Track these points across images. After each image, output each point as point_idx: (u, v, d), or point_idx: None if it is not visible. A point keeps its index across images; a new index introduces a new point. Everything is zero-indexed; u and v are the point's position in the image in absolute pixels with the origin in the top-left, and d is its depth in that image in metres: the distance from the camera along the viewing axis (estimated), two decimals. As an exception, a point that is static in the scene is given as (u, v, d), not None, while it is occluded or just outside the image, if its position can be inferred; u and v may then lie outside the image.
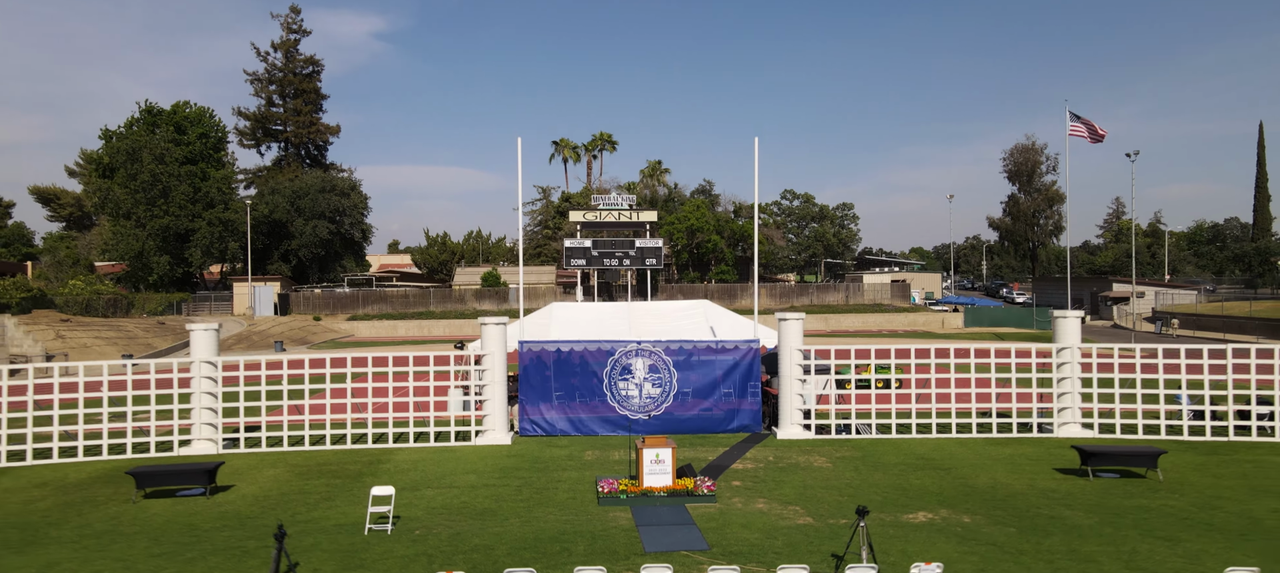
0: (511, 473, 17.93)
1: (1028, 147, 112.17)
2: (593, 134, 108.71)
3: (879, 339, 55.00)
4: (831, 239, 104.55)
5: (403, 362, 22.48)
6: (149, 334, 49.14)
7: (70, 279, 59.72)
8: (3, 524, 14.68)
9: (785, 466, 18.40)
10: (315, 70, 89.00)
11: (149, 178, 64.19)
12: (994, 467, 18.19)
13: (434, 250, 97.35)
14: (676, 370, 22.94)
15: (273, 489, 16.96)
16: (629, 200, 65.09)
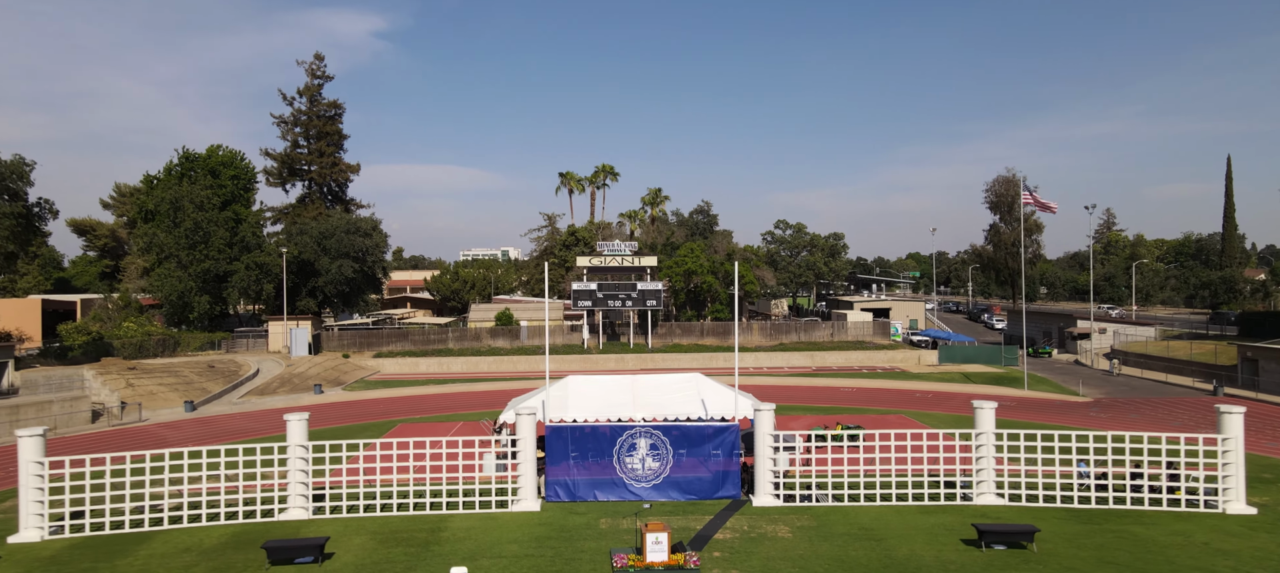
0: (545, 542, 23.24)
1: (1008, 179, 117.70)
2: (596, 166, 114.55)
3: (854, 379, 60.43)
4: (822, 267, 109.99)
5: (448, 429, 27.77)
6: (202, 378, 54.53)
7: (123, 321, 65.14)
8: (181, 590, 20.01)
9: (755, 535, 23.72)
10: (337, 113, 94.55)
11: (191, 225, 69.58)
12: (915, 537, 23.48)
13: (447, 279, 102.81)
14: (673, 446, 28.30)
15: (364, 558, 22.26)
16: (631, 247, 70.50)
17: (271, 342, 69.88)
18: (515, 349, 70.13)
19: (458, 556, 21.72)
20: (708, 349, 69.25)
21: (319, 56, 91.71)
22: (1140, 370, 61.28)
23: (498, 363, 66.43)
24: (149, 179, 78.27)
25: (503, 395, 52.89)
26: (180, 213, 69.69)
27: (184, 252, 69.81)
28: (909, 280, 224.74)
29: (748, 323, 77.73)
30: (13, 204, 51.08)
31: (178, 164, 79.92)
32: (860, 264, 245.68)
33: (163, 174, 79.96)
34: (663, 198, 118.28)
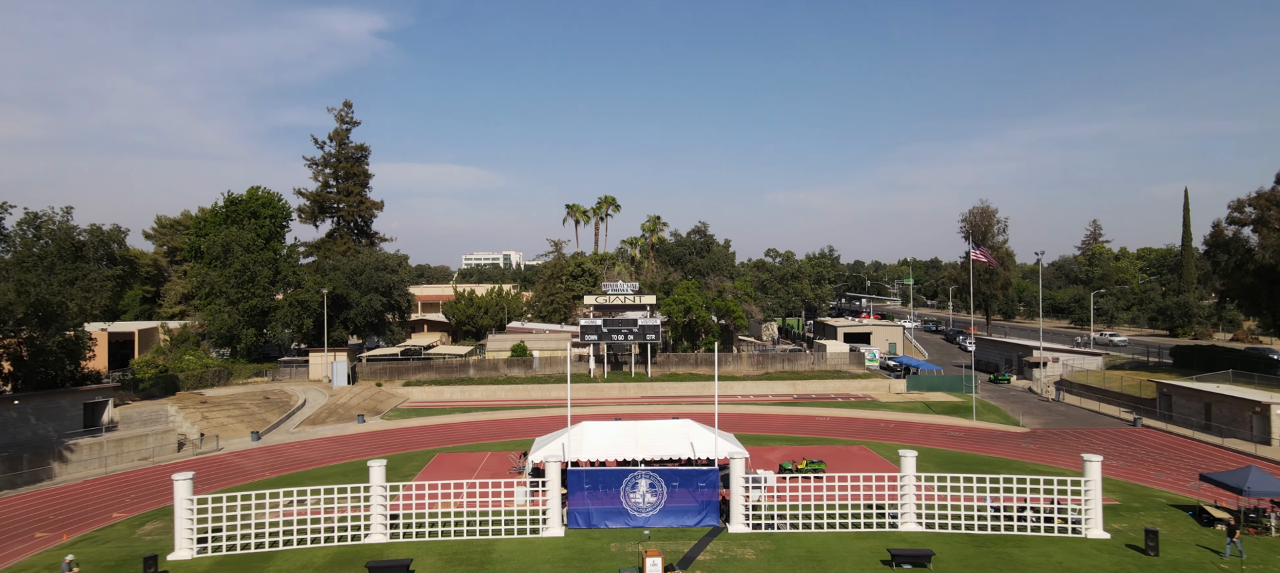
0: (570, 563, 30.86)
1: (983, 210, 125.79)
2: (599, 198, 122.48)
3: (830, 408, 68.07)
4: (809, 294, 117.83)
5: (480, 458, 35.46)
6: (262, 409, 62.23)
7: (184, 354, 72.86)
8: (313, 598, 27.62)
9: (728, 557, 31.37)
10: (363, 155, 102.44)
11: (240, 267, 77.34)
12: (847, 558, 31.12)
13: (461, 305, 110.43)
14: (667, 483, 35.99)
15: (445, 566, 29.90)
16: (633, 287, 78.35)
17: (312, 371, 77.54)
18: (530, 378, 77.76)
19: (509, 566, 29.35)
20: (701, 378, 76.82)
21: (347, 104, 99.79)
22: (1080, 400, 68.91)
23: (514, 391, 74.04)
24: (197, 218, 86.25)
25: (522, 423, 60.68)
26: (230, 255, 77.46)
27: (233, 290, 77.54)
28: (901, 287, 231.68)
29: (738, 351, 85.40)
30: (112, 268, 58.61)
31: (222, 206, 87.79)
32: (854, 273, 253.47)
33: (209, 214, 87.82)
34: (661, 225, 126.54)
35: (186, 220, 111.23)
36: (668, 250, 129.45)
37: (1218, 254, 66.49)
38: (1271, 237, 60.42)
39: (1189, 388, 56.64)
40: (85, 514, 38.59)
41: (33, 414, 48.10)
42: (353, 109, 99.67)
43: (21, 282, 48.71)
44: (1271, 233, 60.57)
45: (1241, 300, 66.80)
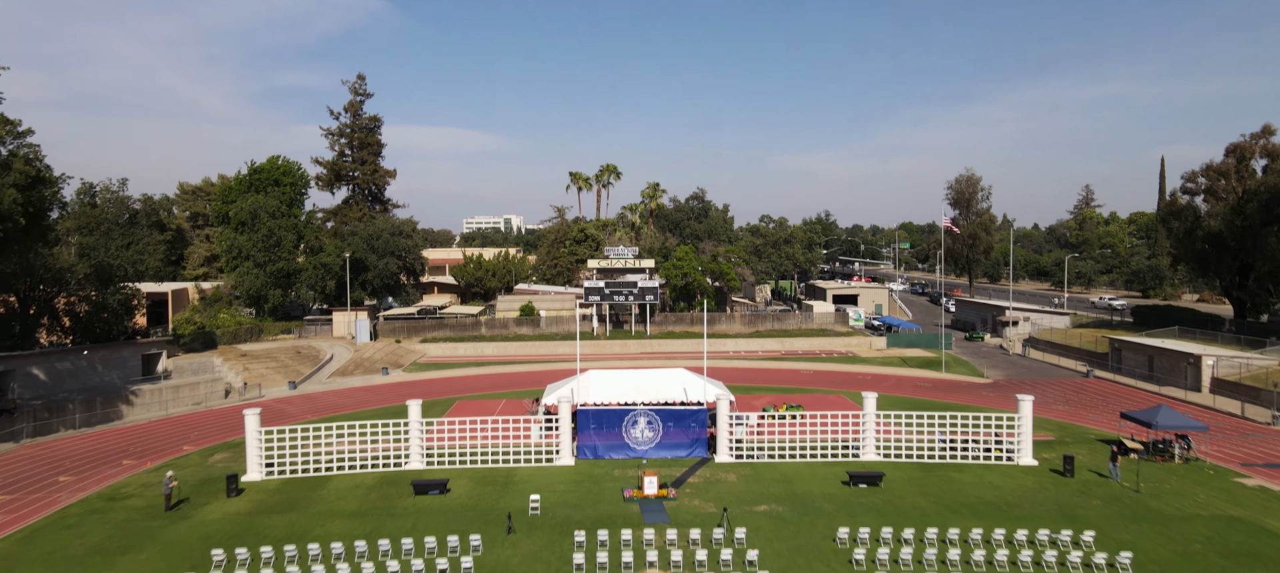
0: (581, 483, 36.58)
1: (968, 177, 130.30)
2: (600, 166, 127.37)
3: (814, 363, 73.71)
4: (800, 258, 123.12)
5: (495, 406, 41.10)
6: (295, 363, 67.86)
7: (218, 313, 78.34)
8: (371, 507, 33.32)
9: (713, 480, 37.08)
10: (376, 126, 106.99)
11: (266, 232, 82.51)
12: (813, 480, 36.81)
13: (470, 268, 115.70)
14: (662, 421, 41.63)
15: (472, 491, 35.58)
16: (633, 252, 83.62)
17: (335, 328, 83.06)
18: (537, 336, 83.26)
19: (530, 489, 35.06)
20: (696, 336, 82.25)
21: (361, 77, 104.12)
22: (1044, 355, 74.55)
23: (523, 347, 79.59)
24: (221, 186, 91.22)
25: (531, 376, 66.29)
26: (257, 220, 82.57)
27: (260, 253, 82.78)
28: (896, 251, 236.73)
29: (731, 312, 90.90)
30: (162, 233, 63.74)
31: (246, 174, 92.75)
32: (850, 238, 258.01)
33: (233, 181, 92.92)
34: (660, 192, 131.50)
35: (208, 187, 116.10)
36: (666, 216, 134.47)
37: (1171, 221, 71.66)
38: (1219, 205, 65.57)
39: (1136, 343, 62.23)
40: (159, 447, 44.30)
41: (99, 364, 53.69)
42: (366, 81, 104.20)
43: (83, 245, 54.02)
44: (1218, 202, 65.71)
45: (1192, 264, 72.14)
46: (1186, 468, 38.02)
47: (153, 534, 30.40)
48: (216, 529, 30.71)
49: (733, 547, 27.61)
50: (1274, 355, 54.91)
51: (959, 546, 27.69)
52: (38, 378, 50.34)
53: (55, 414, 47.59)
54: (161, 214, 64.11)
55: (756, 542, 28.28)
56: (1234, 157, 65.64)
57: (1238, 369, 53.64)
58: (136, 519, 32.17)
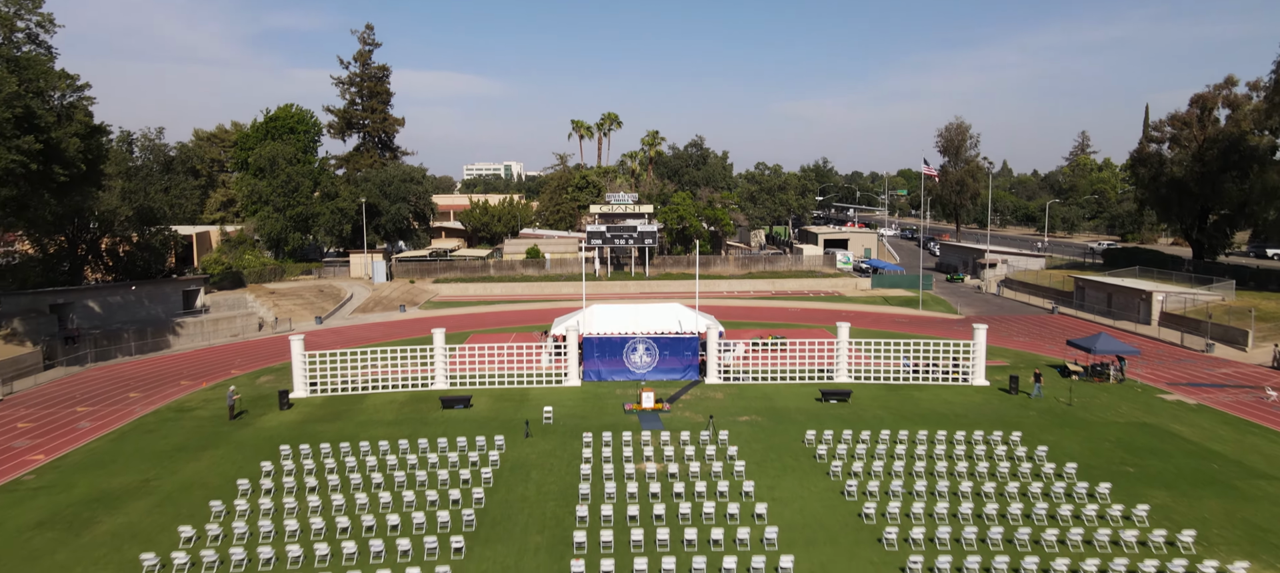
0: (587, 400, 41.61)
1: (957, 126, 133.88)
2: (602, 114, 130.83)
3: (802, 301, 78.54)
4: (794, 204, 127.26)
5: (507, 339, 46.00)
6: (319, 300, 72.69)
7: (243, 254, 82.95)
8: (405, 418, 38.36)
9: (703, 397, 42.10)
10: (385, 75, 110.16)
11: (285, 178, 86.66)
12: (790, 397, 41.81)
13: (476, 213, 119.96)
14: (659, 348, 46.54)
15: (492, 406, 40.62)
16: (632, 198, 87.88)
17: (352, 270, 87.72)
18: (542, 276, 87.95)
19: (542, 402, 40.12)
20: (692, 277, 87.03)
21: (369, 27, 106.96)
22: (1017, 294, 79.40)
23: (529, 288, 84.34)
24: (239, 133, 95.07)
25: (538, 313, 71.12)
26: (276, 167, 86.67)
27: (279, 198, 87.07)
28: (893, 197, 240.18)
29: (725, 255, 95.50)
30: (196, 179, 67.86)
31: (263, 122, 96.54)
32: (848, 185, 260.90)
33: (251, 129, 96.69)
34: (659, 139, 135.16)
35: (222, 133, 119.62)
36: (666, 163, 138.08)
37: (1139, 168, 75.83)
38: (1181, 153, 69.70)
39: (1097, 281, 66.98)
40: (209, 371, 49.30)
41: (145, 298, 58.47)
42: (375, 32, 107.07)
43: (125, 189, 58.34)
44: (1182, 150, 69.80)
45: (1157, 209, 76.47)
46: (1119, 387, 43.05)
47: (223, 436, 35.49)
48: (276, 433, 35.77)
49: (716, 445, 32.66)
50: (1218, 291, 59.71)
51: (906, 443, 32.74)
52: (93, 310, 55.17)
53: (112, 342, 52.54)
54: (195, 162, 67.87)
55: (737, 442, 33.33)
56: (1198, 107, 69.56)
57: (1183, 304, 58.47)
58: (206, 425, 37.25)
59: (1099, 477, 28.65)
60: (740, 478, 28.88)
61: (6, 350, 46.42)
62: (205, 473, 30.70)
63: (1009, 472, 29.32)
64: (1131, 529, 24.11)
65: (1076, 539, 23.60)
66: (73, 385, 45.79)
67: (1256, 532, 24.66)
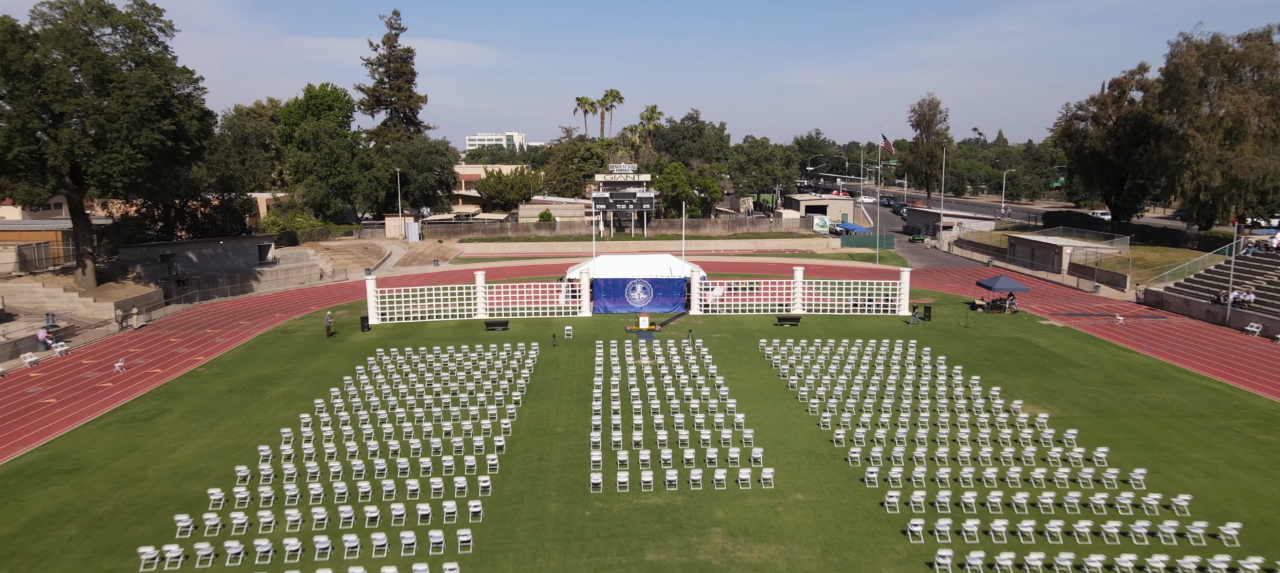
0: (597, 325, 52.97)
1: (929, 102, 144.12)
2: (604, 91, 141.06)
3: (778, 258, 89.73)
4: (779, 174, 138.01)
5: (537, 280, 57.39)
6: (365, 256, 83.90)
7: (295, 217, 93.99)
8: (458, 337, 49.74)
9: (686, 323, 53.47)
10: (409, 57, 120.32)
11: (327, 151, 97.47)
12: (754, 323, 53.15)
13: (491, 182, 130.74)
14: (654, 288, 57.89)
15: (525, 329, 51.97)
16: (632, 168, 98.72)
17: (388, 231, 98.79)
18: (553, 237, 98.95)
19: (564, 325, 51.47)
20: (684, 237, 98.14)
21: (396, 12, 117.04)
22: (965, 252, 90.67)
23: (542, 247, 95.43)
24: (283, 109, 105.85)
25: (551, 267, 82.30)
26: (319, 141, 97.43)
27: (322, 168, 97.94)
28: (885, 166, 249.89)
29: (714, 219, 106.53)
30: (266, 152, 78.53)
31: (304, 100, 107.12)
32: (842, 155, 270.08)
33: (293, 105, 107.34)
34: (657, 114, 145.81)
35: (259, 108, 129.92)
36: (663, 135, 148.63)
37: (1065, 143, 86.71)
38: (1098, 130, 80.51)
39: (1024, 239, 78.19)
40: (293, 307, 60.66)
41: (229, 252, 69.71)
42: (401, 16, 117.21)
43: (209, 161, 69.27)
44: (1099, 127, 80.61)
45: (1082, 177, 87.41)
46: (1012, 316, 54.41)
47: (327, 347, 46.92)
48: (364, 345, 47.18)
49: (694, 350, 44.09)
50: (1117, 246, 70.95)
51: (831, 347, 44.15)
52: (191, 260, 66.42)
53: (211, 285, 63.87)
54: (267, 138, 78.69)
55: (709, 348, 44.77)
56: (1114, 89, 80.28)
57: (1087, 256, 69.72)
58: (311, 341, 48.70)
59: (967, 369, 40.05)
60: (709, 368, 40.32)
61: (138, 289, 57.76)
62: (326, 367, 42.13)
63: (898, 362, 40.76)
64: (974, 394, 35.58)
65: (941, 395, 35.04)
66: (193, 316, 57.21)
67: (1052, 393, 36.08)
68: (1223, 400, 34.73)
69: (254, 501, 24.78)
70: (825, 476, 26.43)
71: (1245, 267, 54.51)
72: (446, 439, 29.74)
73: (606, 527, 22.90)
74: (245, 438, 30.85)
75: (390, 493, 25.01)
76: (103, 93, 49.50)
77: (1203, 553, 20.78)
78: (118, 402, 36.10)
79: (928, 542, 21.59)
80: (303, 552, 21.29)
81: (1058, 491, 24.75)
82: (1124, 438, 29.98)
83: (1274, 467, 27.03)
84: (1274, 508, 23.90)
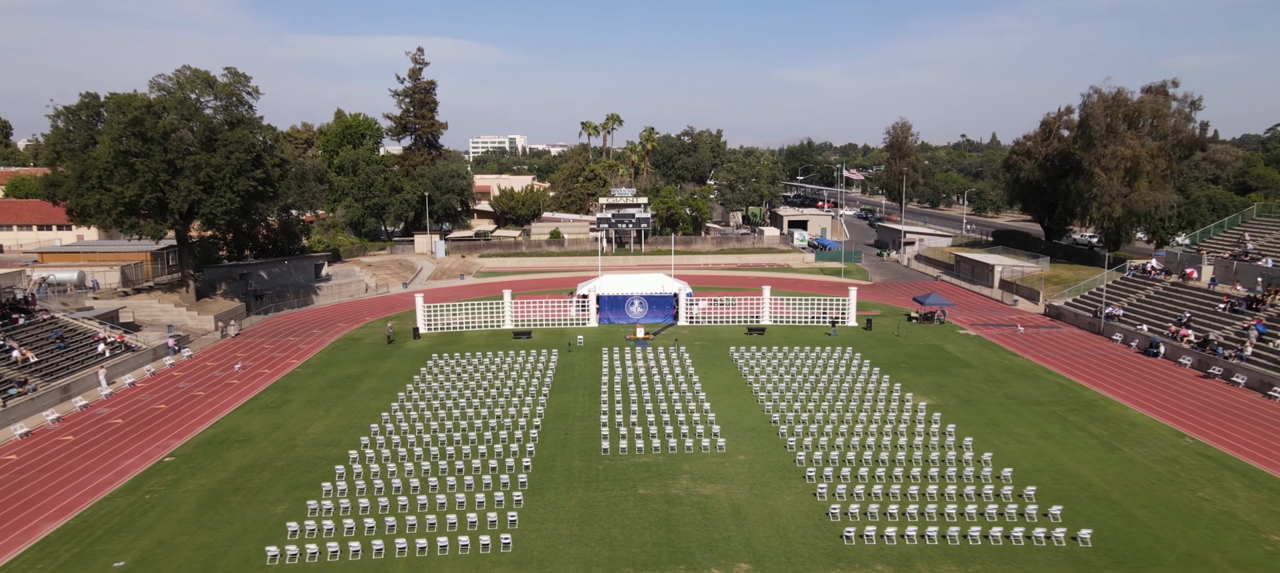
0: (602, 334, 64.65)
1: (901, 125, 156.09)
2: (606, 115, 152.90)
3: (759, 272, 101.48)
4: (765, 191, 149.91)
5: (551, 295, 69.32)
6: (401, 271, 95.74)
7: (338, 235, 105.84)
8: (492, 344, 61.56)
9: (673, 333, 65.21)
10: (432, 88, 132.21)
11: (364, 177, 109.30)
12: (729, 332, 64.84)
13: (504, 199, 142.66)
14: (648, 303, 69.72)
15: (545, 337, 63.69)
16: (632, 192, 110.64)
17: (417, 247, 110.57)
18: (562, 252, 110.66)
19: (575, 334, 63.24)
20: (676, 253, 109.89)
21: (420, 49, 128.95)
22: (922, 266, 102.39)
23: (552, 262, 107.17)
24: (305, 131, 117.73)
25: (562, 280, 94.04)
26: (357, 168, 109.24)
27: (358, 191, 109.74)
28: (877, 171, 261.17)
29: (704, 236, 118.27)
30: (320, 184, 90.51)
31: (339, 130, 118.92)
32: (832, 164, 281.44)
33: (331, 133, 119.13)
34: (654, 135, 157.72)
35: (295, 133, 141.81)
36: (660, 152, 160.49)
37: (1005, 172, 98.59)
38: (1030, 163, 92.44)
39: (966, 257, 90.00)
40: (351, 318, 72.45)
41: (292, 270, 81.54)
42: (425, 53, 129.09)
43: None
44: (1030, 160, 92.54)
45: (1021, 202, 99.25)
46: (939, 326, 66.18)
47: (389, 352, 58.71)
48: (420, 351, 58.90)
49: (678, 356, 55.88)
50: (1039, 265, 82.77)
51: (786, 352, 55.91)
52: (262, 277, 78.29)
53: (280, 300, 75.74)
54: (322, 172, 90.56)
55: (690, 352, 56.54)
56: (1045, 129, 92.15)
57: (1014, 274, 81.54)
58: (376, 347, 60.52)
59: (886, 369, 51.75)
60: (689, 369, 52.11)
61: (226, 304, 69.63)
62: (395, 368, 53.91)
63: (834, 364, 52.53)
64: (882, 389, 47.40)
65: (858, 391, 46.82)
66: (272, 326, 69.05)
67: (941, 388, 47.86)
68: (1062, 393, 46.59)
69: (377, 458, 36.58)
70: (761, 444, 38.23)
71: (1125, 286, 66.33)
72: (499, 421, 41.56)
73: (611, 474, 34.71)
74: (354, 419, 42.65)
75: (466, 455, 36.83)
76: (210, 149, 61.35)
77: (996, 492, 32.58)
78: (248, 394, 47.96)
79: (819, 480, 33.36)
80: (418, 488, 33.10)
81: (914, 450, 36.53)
82: (975, 418, 41.83)
83: (1066, 438, 38.86)
84: (1051, 463, 35.69)
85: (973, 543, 27.94)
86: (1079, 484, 33.09)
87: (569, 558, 27.18)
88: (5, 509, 31.73)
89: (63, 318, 54.75)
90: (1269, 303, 52.61)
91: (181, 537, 29.08)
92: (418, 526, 29.37)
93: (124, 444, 39.23)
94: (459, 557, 27.33)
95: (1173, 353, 53.09)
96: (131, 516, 30.94)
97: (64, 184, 59.08)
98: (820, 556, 27.22)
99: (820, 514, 30.38)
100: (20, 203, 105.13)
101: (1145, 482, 33.27)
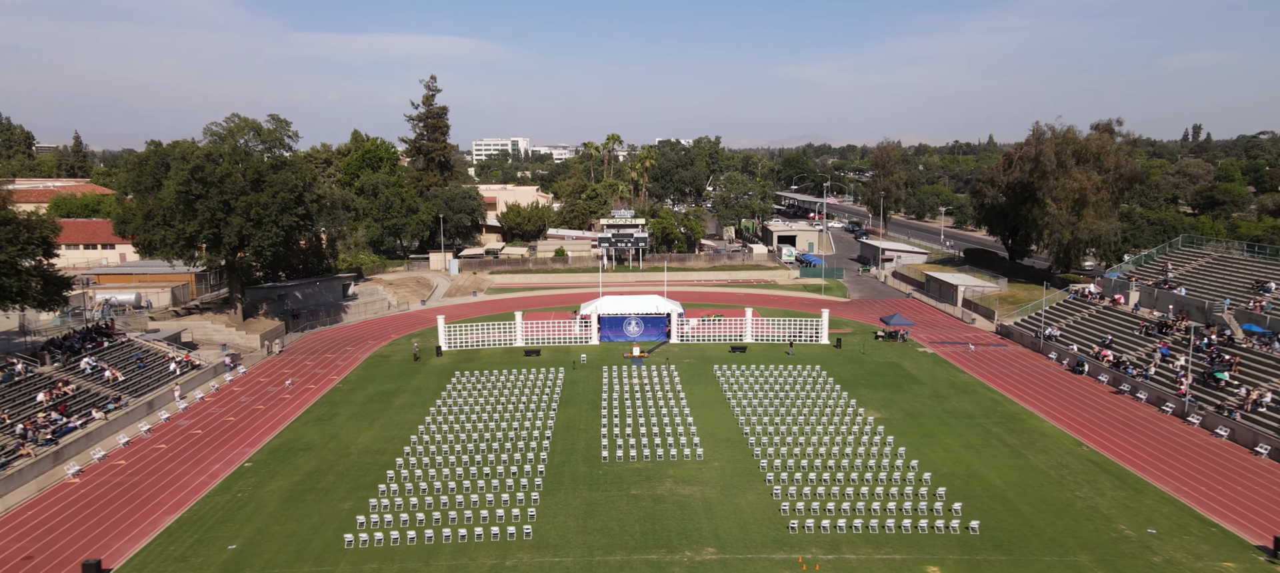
0: (603, 351, 72.42)
1: (888, 145, 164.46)
2: (606, 136, 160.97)
3: (747, 288, 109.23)
4: (757, 205, 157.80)
5: (558, 315, 77.23)
6: (419, 288, 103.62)
7: (360, 253, 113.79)
8: (506, 361, 69.35)
9: (666, 350, 72.98)
10: (444, 113, 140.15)
11: (384, 199, 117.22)
12: (714, 351, 72.58)
13: (510, 216, 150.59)
14: (644, 323, 77.55)
15: (553, 355, 71.48)
16: (631, 213, 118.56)
17: (432, 265, 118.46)
18: (566, 269, 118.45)
19: (579, 352, 71.05)
20: (672, 269, 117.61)
21: (433, 77, 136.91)
22: (898, 283, 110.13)
23: (557, 278, 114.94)
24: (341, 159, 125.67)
25: (567, 297, 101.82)
26: (377, 191, 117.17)
27: (378, 212, 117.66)
28: (868, 177, 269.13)
29: (698, 253, 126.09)
30: (348, 213, 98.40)
31: (358, 155, 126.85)
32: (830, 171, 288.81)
33: (351, 158, 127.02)
34: (652, 153, 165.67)
35: (314, 153, 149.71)
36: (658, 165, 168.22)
37: (973, 197, 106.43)
38: (992, 189, 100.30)
39: (935, 276, 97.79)
40: (378, 335, 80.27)
41: (322, 290, 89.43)
42: (437, 80, 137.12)
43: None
44: (993, 187, 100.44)
45: (987, 225, 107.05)
46: (902, 344, 73.92)
47: (416, 369, 66.53)
48: (444, 367, 66.71)
49: (668, 373, 63.67)
50: (998, 285, 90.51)
51: (762, 369, 63.64)
52: (297, 297, 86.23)
53: (313, 318, 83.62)
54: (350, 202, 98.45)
55: (679, 370, 64.32)
56: (1006, 160, 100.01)
57: (975, 293, 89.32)
58: (404, 364, 68.35)
59: (847, 385, 59.47)
60: (677, 385, 59.90)
61: (268, 323, 77.53)
62: (423, 384, 61.73)
63: (803, 381, 60.27)
64: (840, 403, 55.17)
65: (820, 406, 54.58)
66: (309, 343, 76.92)
67: (891, 403, 55.62)
68: (993, 407, 54.41)
69: (420, 464, 44.40)
70: (733, 453, 46.03)
71: (1066, 308, 74.10)
72: (516, 433, 49.36)
73: (610, 478, 42.53)
74: (395, 431, 50.48)
75: (491, 462, 44.65)
76: (258, 189, 69.24)
77: (914, 492, 40.39)
78: (300, 408, 55.85)
79: (776, 482, 41.15)
80: (455, 489, 40.94)
81: (857, 457, 44.30)
82: (913, 430, 49.63)
83: (985, 447, 46.66)
84: (965, 469, 43.47)
85: (888, 532, 35.73)
86: (983, 485, 40.92)
87: (576, 544, 34.98)
88: (131, 505, 39.61)
89: (138, 340, 62.64)
90: (1176, 328, 60.39)
91: (274, 527, 36.94)
92: (458, 518, 37.18)
93: (208, 451, 47.10)
94: (491, 543, 35.15)
95: (1094, 371, 60.90)
96: (231, 510, 38.81)
97: (133, 221, 66.94)
98: (770, 542, 35.02)
99: (774, 510, 38.18)
100: (67, 222, 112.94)
101: (1036, 483, 41.11)
